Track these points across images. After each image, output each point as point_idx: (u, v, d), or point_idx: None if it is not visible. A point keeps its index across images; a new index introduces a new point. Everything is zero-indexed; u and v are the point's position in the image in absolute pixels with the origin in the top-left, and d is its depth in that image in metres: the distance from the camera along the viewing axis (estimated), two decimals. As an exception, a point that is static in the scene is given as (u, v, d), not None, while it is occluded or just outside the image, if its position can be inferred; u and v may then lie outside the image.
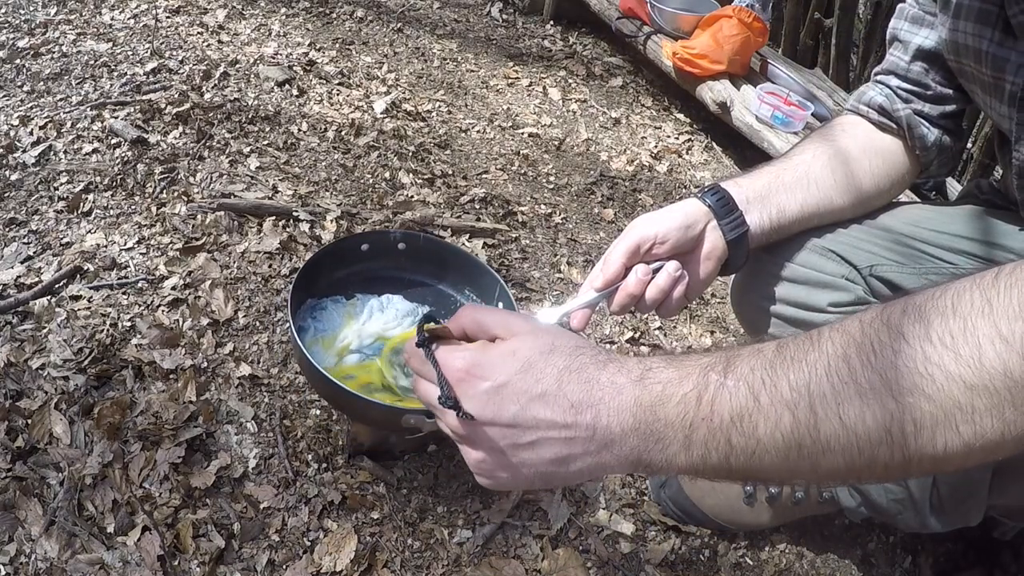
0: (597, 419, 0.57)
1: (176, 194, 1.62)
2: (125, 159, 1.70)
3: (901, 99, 1.01)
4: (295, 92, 2.08)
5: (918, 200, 1.56)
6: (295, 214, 1.59)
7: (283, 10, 2.58)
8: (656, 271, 0.87)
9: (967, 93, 0.98)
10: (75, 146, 1.74)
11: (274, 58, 2.23)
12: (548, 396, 0.58)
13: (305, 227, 1.58)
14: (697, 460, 0.56)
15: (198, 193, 1.63)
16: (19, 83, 1.97)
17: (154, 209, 1.57)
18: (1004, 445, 0.50)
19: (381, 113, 2.09)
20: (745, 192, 0.93)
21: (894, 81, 1.02)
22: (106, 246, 1.47)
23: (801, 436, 0.53)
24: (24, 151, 1.70)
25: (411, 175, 1.85)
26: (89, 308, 1.33)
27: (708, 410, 0.55)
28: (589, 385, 0.58)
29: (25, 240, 1.48)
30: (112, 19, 2.32)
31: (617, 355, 0.61)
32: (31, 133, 1.76)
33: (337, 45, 2.42)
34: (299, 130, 1.92)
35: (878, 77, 1.06)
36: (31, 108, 1.86)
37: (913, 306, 0.52)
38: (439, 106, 2.25)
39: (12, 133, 1.75)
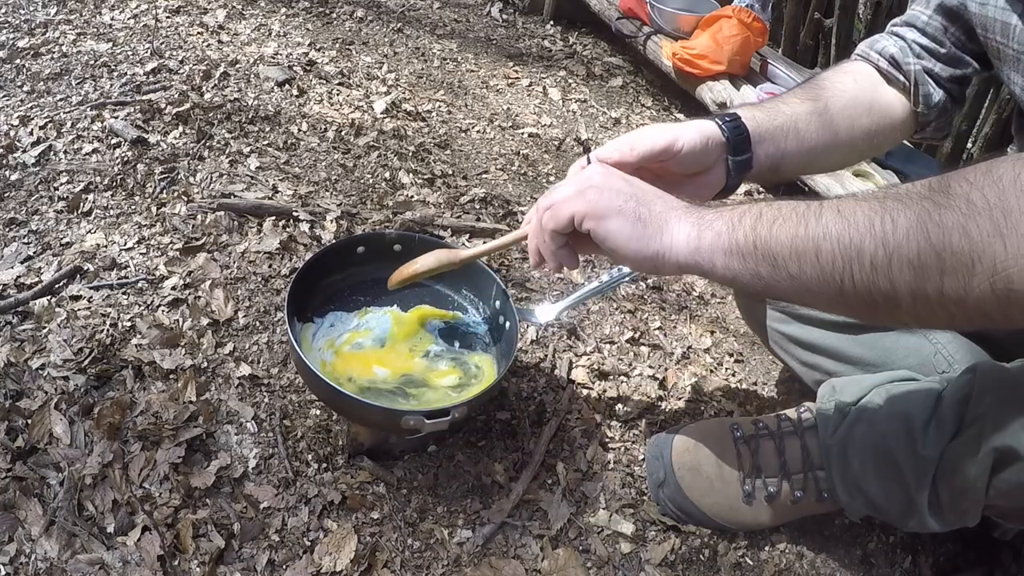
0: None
1: (176, 194, 1.62)
2: (125, 159, 1.70)
3: (914, 54, 1.01)
4: (295, 92, 2.08)
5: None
6: (295, 214, 1.59)
7: (283, 10, 2.58)
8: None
9: (979, 60, 0.98)
10: (75, 146, 1.74)
11: (274, 58, 2.23)
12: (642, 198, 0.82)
13: (305, 227, 1.58)
14: (732, 225, 0.75)
15: (198, 193, 1.63)
16: (19, 83, 1.97)
17: (154, 209, 1.57)
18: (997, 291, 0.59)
19: (381, 113, 2.09)
20: (759, 129, 0.94)
21: (911, 34, 1.02)
22: (106, 246, 1.47)
23: (807, 216, 0.70)
24: (24, 151, 1.70)
25: (411, 175, 1.86)
26: (89, 308, 1.33)
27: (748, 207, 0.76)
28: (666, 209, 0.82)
29: (25, 240, 1.48)
30: (112, 19, 2.32)
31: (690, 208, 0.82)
32: (31, 133, 1.76)
33: (337, 45, 2.42)
34: (299, 130, 1.92)
35: (895, 28, 1.05)
36: (31, 108, 1.86)
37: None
38: (439, 106, 2.25)
39: (12, 133, 1.75)
